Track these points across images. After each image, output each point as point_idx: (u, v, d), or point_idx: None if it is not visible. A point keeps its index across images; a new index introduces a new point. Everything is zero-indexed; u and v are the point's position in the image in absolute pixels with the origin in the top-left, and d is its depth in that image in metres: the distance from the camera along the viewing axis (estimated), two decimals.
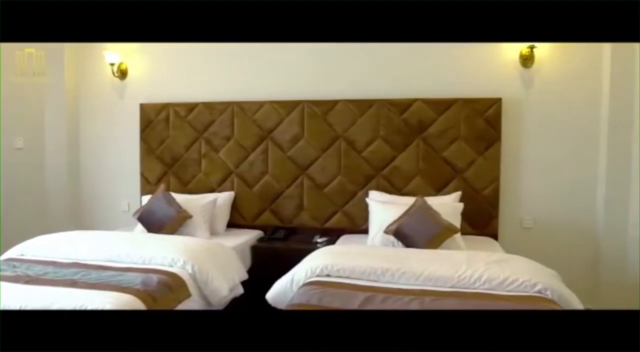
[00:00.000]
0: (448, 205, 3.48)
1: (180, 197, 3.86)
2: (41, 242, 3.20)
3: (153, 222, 3.66)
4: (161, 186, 3.97)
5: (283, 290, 2.77)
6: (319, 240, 3.73)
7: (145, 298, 2.36)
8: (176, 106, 4.23)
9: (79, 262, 2.91)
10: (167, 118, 4.25)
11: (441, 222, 3.23)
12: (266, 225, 4.04)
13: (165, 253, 2.93)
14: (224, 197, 4.02)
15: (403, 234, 3.24)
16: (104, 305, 2.18)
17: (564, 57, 3.64)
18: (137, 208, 3.97)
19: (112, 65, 4.33)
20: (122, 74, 4.41)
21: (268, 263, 3.53)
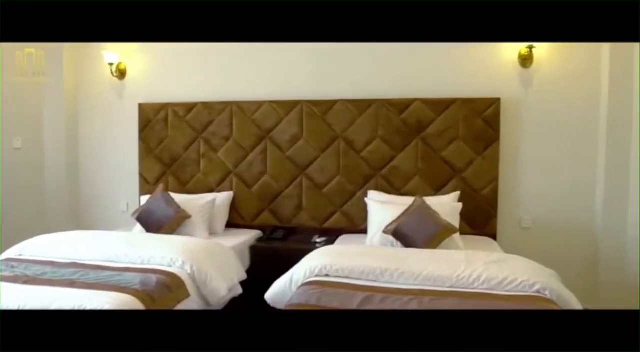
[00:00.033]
0: (447, 205, 3.48)
1: (179, 197, 3.86)
2: (40, 242, 3.19)
3: (152, 222, 3.66)
4: (160, 186, 3.97)
5: (282, 290, 2.77)
6: (318, 240, 3.73)
7: (144, 298, 2.36)
8: (175, 106, 4.23)
9: (78, 262, 2.90)
10: (166, 118, 4.25)
11: (440, 222, 3.23)
12: (265, 225, 4.04)
13: (164, 253, 2.92)
14: (223, 197, 4.02)
15: (402, 234, 3.24)
16: (103, 305, 2.18)
17: (563, 57, 3.64)
18: (136, 208, 3.97)
19: (111, 65, 4.32)
20: (121, 74, 4.40)
21: (267, 263, 3.53)
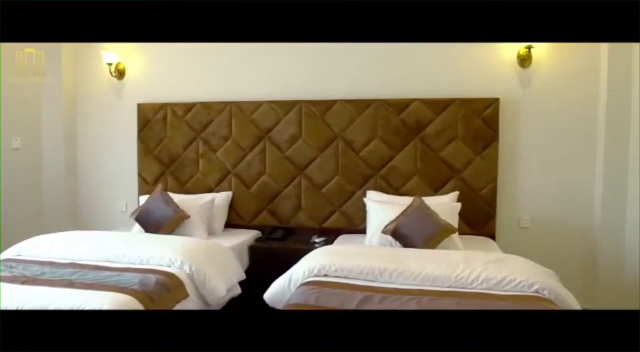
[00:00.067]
0: (445, 205, 3.48)
1: (177, 197, 3.85)
2: (38, 242, 3.19)
3: (150, 222, 3.65)
4: (159, 186, 3.96)
5: (281, 290, 2.77)
6: (317, 240, 3.73)
7: (142, 298, 2.36)
8: (174, 106, 4.22)
9: (76, 262, 2.90)
10: (165, 118, 4.24)
11: (439, 222, 3.24)
12: (264, 225, 4.04)
13: (162, 253, 2.92)
14: (222, 197, 4.02)
15: (401, 234, 3.24)
16: (101, 305, 2.18)
17: (562, 57, 3.64)
18: (135, 208, 3.96)
19: (110, 65, 4.32)
20: (120, 74, 4.40)
21: (266, 263, 3.53)
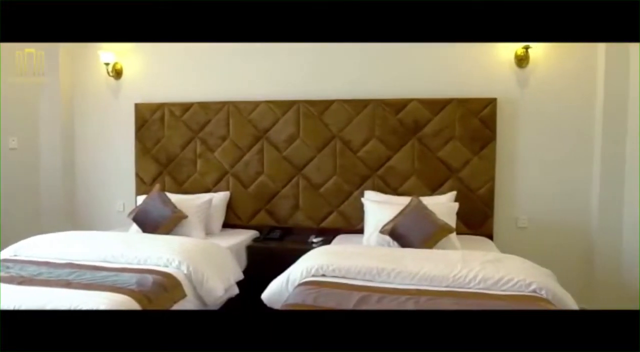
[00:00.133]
0: (443, 205, 3.49)
1: (175, 197, 3.85)
2: (35, 242, 3.18)
3: (148, 222, 3.65)
4: (156, 186, 3.95)
5: (278, 290, 2.76)
6: (315, 240, 3.73)
7: (140, 298, 2.35)
8: (171, 106, 4.22)
9: (74, 262, 2.89)
10: (163, 118, 4.24)
11: (436, 221, 3.24)
12: (262, 225, 4.04)
13: (160, 253, 2.92)
14: (220, 197, 4.01)
15: (398, 234, 3.25)
16: (99, 305, 2.17)
17: (559, 57, 3.65)
18: (132, 208, 3.96)
19: (107, 64, 4.31)
20: (117, 74, 4.39)
21: (263, 263, 3.53)
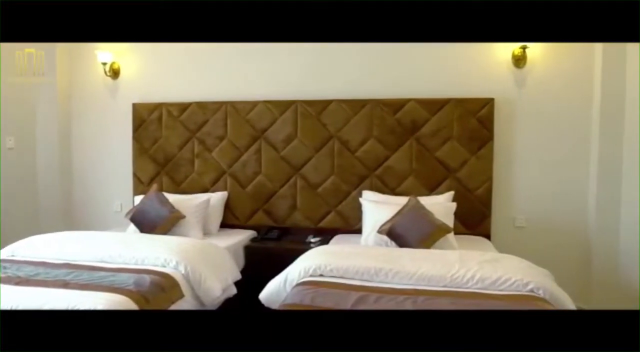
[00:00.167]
0: (441, 205, 3.49)
1: (173, 197, 3.84)
2: (32, 242, 3.17)
3: (146, 222, 3.64)
4: (154, 186, 3.95)
5: (276, 290, 2.76)
6: (313, 240, 3.73)
7: (137, 299, 2.34)
8: (169, 106, 4.21)
9: (71, 262, 2.89)
10: (160, 118, 4.23)
11: (434, 221, 3.24)
12: (259, 225, 4.03)
13: (157, 253, 2.91)
14: (217, 197, 4.01)
15: (396, 234, 3.25)
16: (96, 306, 2.17)
17: (556, 57, 3.66)
18: (130, 208, 3.94)
19: (104, 64, 4.30)
20: (115, 74, 4.38)
21: (261, 263, 3.53)
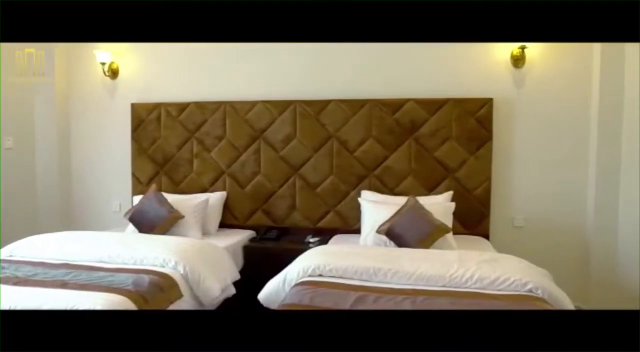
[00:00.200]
0: (440, 205, 3.49)
1: (171, 197, 3.84)
2: (31, 242, 3.17)
3: (144, 222, 3.64)
4: (153, 186, 3.95)
5: (275, 290, 2.76)
6: (311, 240, 3.73)
7: (136, 299, 2.34)
8: (168, 106, 4.21)
9: (69, 263, 2.88)
10: (159, 118, 4.23)
11: (433, 221, 3.24)
12: (258, 225, 4.03)
13: (156, 253, 2.91)
14: (216, 197, 4.01)
15: (395, 234, 3.25)
16: (95, 306, 2.17)
17: (555, 57, 3.66)
18: (129, 208, 3.94)
19: (103, 64, 4.30)
20: (113, 74, 4.38)
21: (260, 263, 3.52)
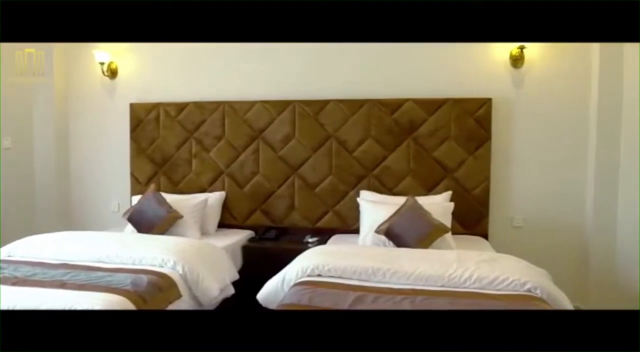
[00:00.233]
0: (439, 204, 3.49)
1: (170, 197, 3.84)
2: (29, 242, 3.17)
3: (143, 222, 3.64)
4: (151, 186, 3.95)
5: (274, 290, 2.76)
6: (310, 240, 3.72)
7: (135, 299, 2.34)
8: (167, 106, 4.21)
9: (68, 263, 2.88)
10: (158, 118, 4.23)
11: (432, 221, 3.24)
12: (257, 225, 4.03)
13: (155, 254, 2.91)
14: (215, 197, 4.00)
15: (394, 234, 3.25)
16: (93, 306, 2.16)
17: (554, 57, 3.66)
18: (127, 208, 3.94)
19: (102, 64, 4.29)
20: (112, 74, 4.37)
21: (259, 263, 3.52)
